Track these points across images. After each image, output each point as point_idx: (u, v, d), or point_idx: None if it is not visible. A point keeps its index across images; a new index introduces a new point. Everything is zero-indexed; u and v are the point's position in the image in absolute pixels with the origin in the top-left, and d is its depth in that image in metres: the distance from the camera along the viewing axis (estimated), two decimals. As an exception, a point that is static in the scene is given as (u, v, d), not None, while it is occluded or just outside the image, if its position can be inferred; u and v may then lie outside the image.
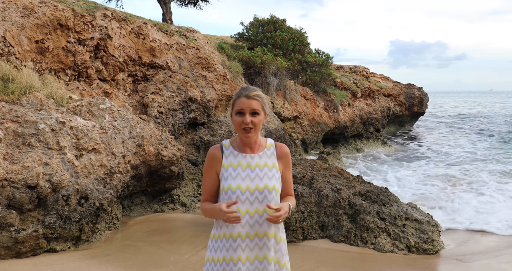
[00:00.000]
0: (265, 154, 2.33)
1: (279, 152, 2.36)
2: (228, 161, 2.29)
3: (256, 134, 2.27)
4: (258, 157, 2.31)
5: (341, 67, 20.16)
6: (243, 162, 2.29)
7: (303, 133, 12.16)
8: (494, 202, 7.91)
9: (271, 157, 2.33)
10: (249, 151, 2.32)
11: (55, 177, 4.76)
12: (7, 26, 6.15)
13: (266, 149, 2.35)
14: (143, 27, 8.76)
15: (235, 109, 2.25)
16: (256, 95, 2.23)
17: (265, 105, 2.27)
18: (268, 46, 13.09)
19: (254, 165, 2.28)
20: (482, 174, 10.60)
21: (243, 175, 2.26)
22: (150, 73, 8.80)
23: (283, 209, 2.17)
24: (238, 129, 2.24)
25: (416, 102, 21.31)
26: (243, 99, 2.22)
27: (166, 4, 14.77)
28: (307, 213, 5.80)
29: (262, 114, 2.25)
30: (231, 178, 2.25)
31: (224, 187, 2.26)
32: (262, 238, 2.25)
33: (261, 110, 2.24)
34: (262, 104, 2.24)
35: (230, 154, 2.31)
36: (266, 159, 2.32)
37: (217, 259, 2.27)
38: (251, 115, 2.21)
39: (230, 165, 2.28)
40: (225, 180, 2.26)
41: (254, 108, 2.21)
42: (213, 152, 2.33)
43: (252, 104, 2.21)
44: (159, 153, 6.60)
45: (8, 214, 4.43)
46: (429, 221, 6.02)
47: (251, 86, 2.31)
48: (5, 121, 4.91)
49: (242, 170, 2.27)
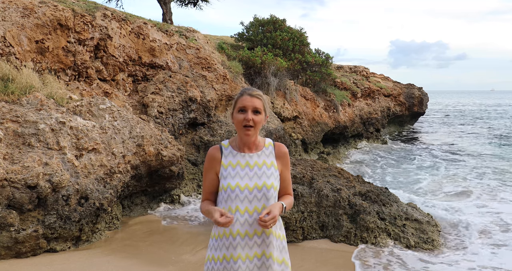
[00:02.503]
0: (264, 153, 2.37)
1: (278, 151, 2.40)
2: (227, 160, 2.33)
3: (255, 134, 2.31)
4: (257, 156, 2.35)
5: (341, 67, 20.16)
6: (242, 161, 2.32)
7: (303, 133, 12.16)
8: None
9: (269, 156, 2.37)
10: (248, 150, 2.35)
11: (55, 177, 4.76)
12: (7, 26, 6.15)
13: (264, 148, 2.38)
14: (143, 27, 8.76)
15: (237, 107, 2.29)
16: (259, 94, 2.29)
17: (266, 106, 2.33)
18: (268, 46, 13.09)
19: (253, 163, 2.32)
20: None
21: (242, 174, 2.29)
22: (150, 73, 8.80)
23: (272, 213, 2.17)
24: (238, 127, 2.28)
25: (416, 102, 21.32)
26: (246, 97, 2.27)
27: (166, 4, 14.77)
28: (307, 213, 5.80)
29: (263, 114, 2.30)
30: (230, 176, 2.29)
31: (223, 185, 2.29)
32: (261, 235, 2.28)
33: (262, 109, 2.29)
34: (264, 104, 2.30)
35: (229, 154, 2.35)
36: (264, 157, 2.35)
37: (217, 257, 2.30)
38: (253, 113, 2.26)
39: (229, 164, 2.32)
40: (224, 179, 2.29)
41: (256, 107, 2.26)
42: (212, 152, 2.37)
43: (255, 102, 2.26)
44: (159, 153, 6.60)
45: (8, 214, 4.43)
46: (429, 221, 6.02)
47: (253, 88, 2.40)
48: (5, 121, 4.91)
49: (241, 169, 2.30)
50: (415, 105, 21.37)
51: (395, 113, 20.11)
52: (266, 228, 2.17)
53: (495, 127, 24.97)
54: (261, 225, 2.15)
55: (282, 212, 2.28)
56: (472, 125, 26.61)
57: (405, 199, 7.43)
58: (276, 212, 2.20)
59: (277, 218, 2.20)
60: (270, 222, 2.15)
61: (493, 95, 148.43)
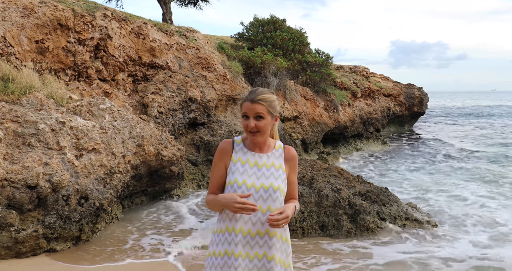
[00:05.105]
0: (273, 154, 2.37)
1: (287, 154, 2.40)
2: (238, 156, 2.34)
3: (263, 137, 2.31)
4: (266, 156, 2.35)
5: (341, 67, 20.15)
6: (251, 159, 2.33)
7: (303, 133, 12.16)
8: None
9: (278, 158, 2.37)
10: (258, 150, 2.36)
11: (55, 177, 4.76)
12: (7, 26, 6.15)
13: (274, 150, 2.39)
14: (143, 27, 8.76)
15: (241, 112, 2.30)
16: (261, 99, 2.24)
17: (272, 108, 2.27)
18: (268, 46, 13.09)
19: (261, 163, 2.33)
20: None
21: (250, 172, 2.29)
22: (150, 73, 8.81)
23: (285, 213, 2.17)
24: (245, 131, 2.30)
25: (416, 102, 21.31)
26: (247, 104, 2.25)
27: (166, 4, 14.78)
28: (307, 213, 5.80)
29: (268, 118, 2.26)
30: (238, 172, 2.29)
31: (230, 180, 2.29)
32: (263, 236, 2.27)
33: (266, 114, 2.25)
34: (268, 108, 2.25)
35: (240, 150, 2.36)
36: (273, 159, 2.36)
37: (218, 252, 2.29)
38: (255, 119, 2.24)
39: (239, 160, 2.32)
40: (232, 174, 2.30)
41: (257, 113, 2.24)
42: (224, 145, 2.37)
43: (256, 108, 2.23)
44: (159, 153, 6.60)
45: (8, 214, 4.43)
46: (429, 220, 6.03)
47: (260, 89, 2.31)
48: (5, 121, 4.92)
49: (249, 167, 2.31)
50: (415, 105, 21.36)
51: (395, 113, 20.10)
52: (277, 227, 2.17)
53: (496, 127, 24.98)
54: (273, 225, 2.14)
55: (295, 213, 2.28)
56: (472, 125, 26.62)
57: (404, 199, 7.41)
58: (289, 212, 2.20)
59: (289, 219, 2.19)
60: (283, 221, 2.14)
61: (494, 95, 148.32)
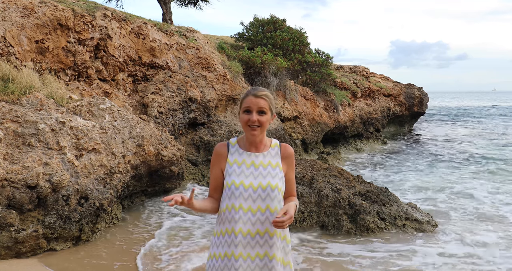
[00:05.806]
0: (270, 153, 2.38)
1: (283, 152, 2.40)
2: (233, 158, 2.34)
3: (262, 133, 2.32)
4: (262, 156, 2.35)
5: (341, 67, 20.15)
6: (248, 160, 2.33)
7: (303, 133, 12.16)
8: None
9: (275, 157, 2.37)
10: (254, 150, 2.36)
11: (55, 177, 4.76)
12: (7, 26, 6.15)
13: (270, 148, 2.39)
14: (143, 27, 8.76)
15: (242, 107, 2.29)
16: (264, 94, 2.28)
17: (272, 106, 2.31)
18: (268, 46, 13.09)
19: (258, 163, 2.33)
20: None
21: (247, 173, 2.30)
22: (150, 73, 8.81)
23: (289, 213, 2.18)
24: (244, 127, 2.29)
25: (416, 102, 21.31)
26: (250, 98, 2.27)
27: (166, 4, 14.77)
28: (307, 213, 5.80)
29: (269, 114, 2.29)
30: (235, 174, 2.29)
31: (227, 182, 2.30)
32: (263, 236, 2.27)
33: (268, 110, 2.28)
34: (270, 105, 2.28)
35: (235, 152, 2.36)
36: (270, 158, 2.36)
37: (218, 255, 2.30)
38: (258, 114, 2.26)
39: (235, 162, 2.33)
40: (229, 176, 2.31)
41: (261, 107, 2.25)
42: (218, 148, 2.39)
43: (260, 103, 2.25)
44: (159, 153, 6.60)
45: (8, 214, 4.43)
46: (429, 221, 6.02)
47: (260, 87, 2.36)
48: (5, 121, 4.91)
49: (246, 167, 2.31)
50: (415, 105, 21.36)
51: (395, 113, 20.10)
52: (282, 229, 2.17)
53: (496, 127, 24.98)
54: (278, 226, 2.14)
55: (295, 212, 2.28)
56: (472, 125, 26.62)
57: (404, 199, 7.41)
58: (292, 212, 2.21)
59: (292, 219, 2.20)
60: (288, 222, 2.14)
61: (495, 95, 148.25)
